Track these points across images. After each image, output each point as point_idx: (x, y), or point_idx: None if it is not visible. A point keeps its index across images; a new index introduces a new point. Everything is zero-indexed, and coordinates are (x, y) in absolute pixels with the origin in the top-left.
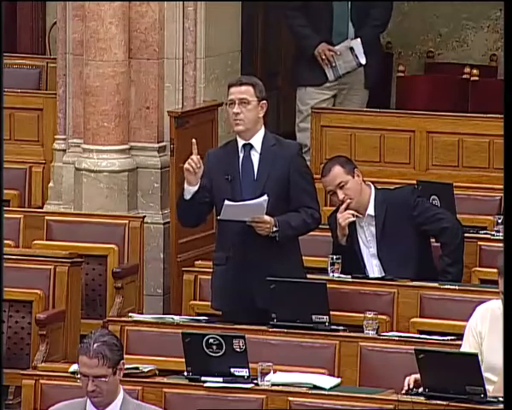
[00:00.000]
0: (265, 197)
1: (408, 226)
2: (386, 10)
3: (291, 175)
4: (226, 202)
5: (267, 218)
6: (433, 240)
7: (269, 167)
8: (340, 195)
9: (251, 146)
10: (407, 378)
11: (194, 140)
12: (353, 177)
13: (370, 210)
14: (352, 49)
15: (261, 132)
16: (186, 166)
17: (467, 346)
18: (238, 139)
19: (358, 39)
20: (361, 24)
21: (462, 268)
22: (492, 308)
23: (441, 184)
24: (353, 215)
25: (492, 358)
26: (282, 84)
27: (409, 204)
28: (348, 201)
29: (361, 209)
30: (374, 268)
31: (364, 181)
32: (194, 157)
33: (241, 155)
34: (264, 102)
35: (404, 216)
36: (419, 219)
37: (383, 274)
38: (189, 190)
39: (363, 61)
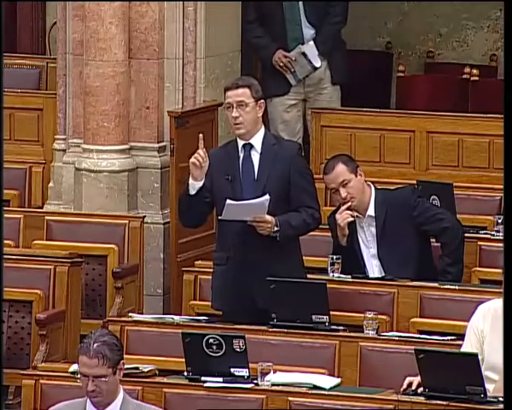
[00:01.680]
0: (267, 197)
1: (408, 227)
2: (344, 7)
3: (291, 175)
4: (228, 201)
5: (268, 217)
6: (433, 240)
7: (269, 167)
8: (343, 193)
9: (251, 146)
10: (408, 379)
11: (201, 135)
12: (356, 175)
13: (370, 211)
14: (304, 54)
15: (261, 132)
16: (192, 160)
17: (468, 345)
18: (238, 139)
19: (311, 43)
20: (321, 24)
21: (463, 268)
22: (494, 307)
23: (441, 184)
24: (352, 215)
25: (494, 357)
26: None
27: (409, 204)
28: (350, 200)
29: (361, 209)
30: (374, 268)
31: (365, 181)
32: (201, 151)
33: (242, 155)
34: (262, 101)
35: (404, 216)
36: (419, 219)
37: (383, 274)
38: (194, 185)
39: (318, 65)
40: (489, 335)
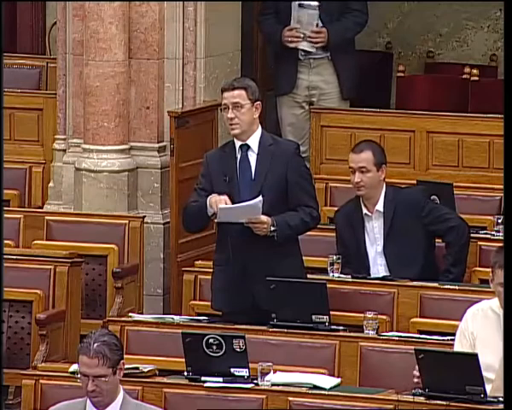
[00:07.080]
0: (260, 198)
1: (415, 226)
2: (365, 5)
3: (289, 174)
4: (220, 205)
5: (264, 218)
6: (438, 240)
7: (266, 167)
8: (357, 178)
9: (248, 147)
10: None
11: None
12: (378, 170)
13: (379, 206)
14: (300, 5)
15: (258, 133)
16: (215, 201)
17: (459, 348)
18: (235, 140)
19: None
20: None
21: (465, 270)
22: (483, 308)
23: (441, 184)
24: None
25: (488, 357)
26: None
27: (419, 204)
28: (360, 187)
29: (370, 204)
30: (379, 268)
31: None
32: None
33: (239, 156)
34: (258, 102)
35: (412, 215)
36: (427, 219)
37: (388, 274)
38: (210, 211)
39: (315, 3)
40: (480, 336)
